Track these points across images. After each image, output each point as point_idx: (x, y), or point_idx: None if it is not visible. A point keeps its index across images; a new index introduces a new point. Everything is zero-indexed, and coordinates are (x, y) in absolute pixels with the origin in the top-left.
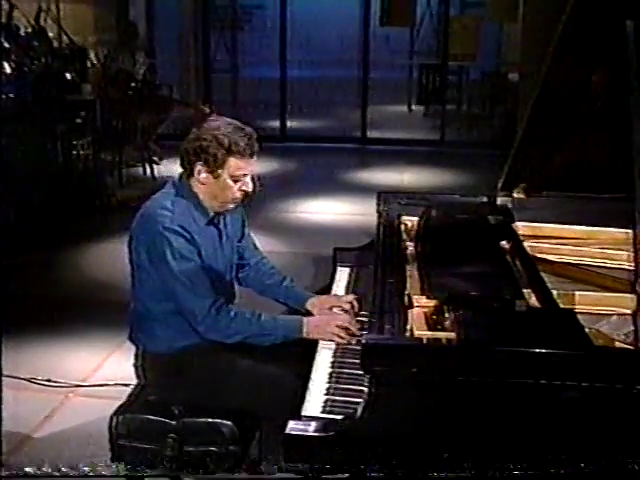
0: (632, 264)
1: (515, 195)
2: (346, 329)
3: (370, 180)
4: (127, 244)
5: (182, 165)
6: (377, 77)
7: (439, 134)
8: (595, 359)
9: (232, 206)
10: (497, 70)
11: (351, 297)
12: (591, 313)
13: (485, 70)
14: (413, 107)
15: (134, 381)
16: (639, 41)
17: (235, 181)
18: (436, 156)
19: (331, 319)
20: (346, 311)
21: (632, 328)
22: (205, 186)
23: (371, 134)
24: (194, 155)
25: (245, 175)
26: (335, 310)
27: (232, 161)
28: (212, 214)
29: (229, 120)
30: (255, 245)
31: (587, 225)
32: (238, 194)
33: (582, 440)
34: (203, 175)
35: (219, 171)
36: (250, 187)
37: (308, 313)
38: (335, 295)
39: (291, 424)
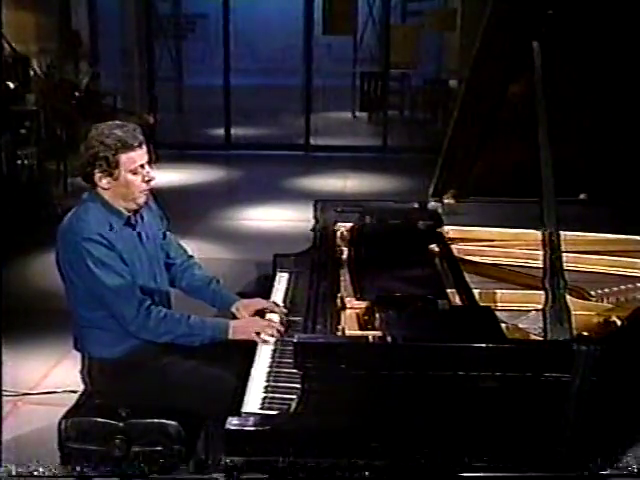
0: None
1: (445, 200)
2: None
3: (313, 187)
4: (55, 259)
5: (84, 180)
6: (320, 85)
7: (381, 140)
8: (506, 351)
9: (143, 199)
10: (438, 77)
11: (268, 302)
12: (512, 310)
13: (426, 77)
14: (357, 114)
15: (82, 387)
16: (544, 59)
17: (135, 174)
18: (378, 162)
19: (253, 321)
20: (272, 312)
21: None
22: (110, 190)
23: (315, 141)
24: (89, 166)
25: (142, 166)
26: (268, 314)
27: (124, 157)
28: (127, 215)
29: (110, 122)
30: (180, 244)
31: (513, 227)
32: (144, 185)
33: (497, 425)
34: (104, 181)
35: (116, 172)
36: (152, 175)
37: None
38: (258, 299)
39: (230, 420)
